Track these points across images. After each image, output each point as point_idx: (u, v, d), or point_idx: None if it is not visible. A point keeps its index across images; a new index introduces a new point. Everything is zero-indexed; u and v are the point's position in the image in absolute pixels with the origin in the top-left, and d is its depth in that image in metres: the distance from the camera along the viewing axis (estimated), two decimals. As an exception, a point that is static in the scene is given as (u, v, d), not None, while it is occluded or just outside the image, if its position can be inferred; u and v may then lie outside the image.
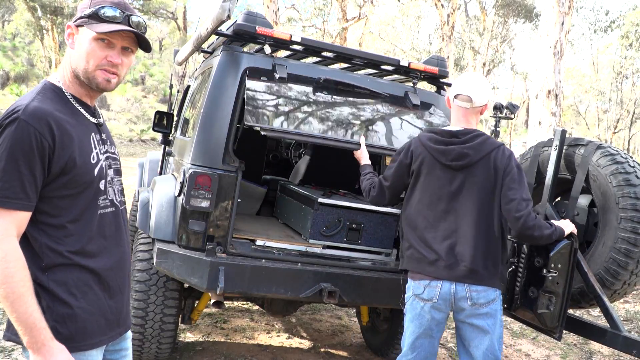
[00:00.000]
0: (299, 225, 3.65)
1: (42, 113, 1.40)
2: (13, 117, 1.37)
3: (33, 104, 1.40)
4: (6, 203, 1.34)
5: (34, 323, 1.35)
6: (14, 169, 1.35)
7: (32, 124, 1.37)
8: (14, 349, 3.54)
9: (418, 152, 2.58)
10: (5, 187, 1.34)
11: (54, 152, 1.40)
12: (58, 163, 1.41)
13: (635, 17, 24.77)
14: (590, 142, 3.00)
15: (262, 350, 4.10)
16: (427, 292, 2.48)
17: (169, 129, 4.67)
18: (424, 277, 2.49)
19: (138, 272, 3.19)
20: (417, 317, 2.52)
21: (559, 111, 8.38)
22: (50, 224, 1.44)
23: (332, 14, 29.17)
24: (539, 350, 4.80)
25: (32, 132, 1.36)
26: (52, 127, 1.40)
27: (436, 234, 2.49)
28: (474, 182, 2.47)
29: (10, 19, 39.12)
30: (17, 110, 1.38)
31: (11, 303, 1.33)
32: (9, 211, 1.35)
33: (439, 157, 2.51)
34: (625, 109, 28.73)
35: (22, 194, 1.36)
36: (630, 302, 6.58)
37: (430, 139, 2.56)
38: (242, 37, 3.24)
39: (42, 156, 1.38)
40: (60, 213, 1.45)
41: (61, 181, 1.43)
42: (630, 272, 2.74)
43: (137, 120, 26.95)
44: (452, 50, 19.81)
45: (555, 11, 8.24)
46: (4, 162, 1.34)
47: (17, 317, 1.34)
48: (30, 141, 1.36)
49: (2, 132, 1.37)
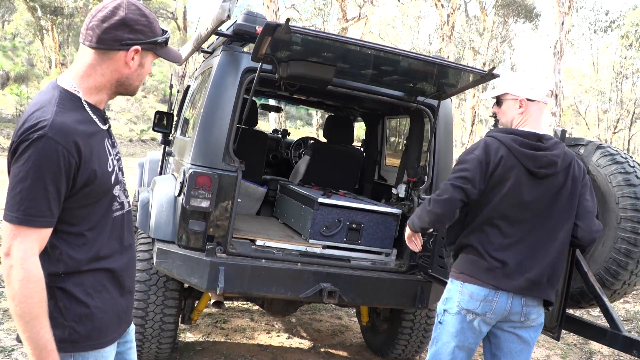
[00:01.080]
0: (299, 225, 3.66)
1: (68, 130, 1.38)
2: (40, 134, 1.34)
3: (58, 120, 1.37)
4: (32, 221, 1.34)
5: (44, 345, 1.35)
6: (40, 187, 1.34)
7: (60, 142, 1.35)
8: (14, 348, 3.54)
9: (500, 154, 2.26)
10: (31, 205, 1.33)
11: (79, 169, 1.40)
12: (82, 177, 1.42)
13: (635, 17, 24.77)
14: (590, 142, 3.00)
15: (262, 350, 4.10)
16: (482, 307, 2.25)
17: (169, 129, 4.67)
18: (482, 284, 2.26)
19: (138, 272, 3.19)
20: (462, 332, 2.30)
21: (559, 111, 8.39)
22: (70, 232, 1.46)
23: (332, 14, 29.15)
24: (539, 350, 4.80)
25: (60, 150, 1.35)
26: (78, 144, 1.39)
27: (504, 241, 2.27)
28: (555, 192, 2.29)
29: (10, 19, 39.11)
30: (43, 126, 1.35)
31: (26, 323, 1.34)
32: (35, 229, 1.35)
33: (526, 162, 2.25)
34: (625, 109, 28.74)
35: (48, 212, 1.36)
36: (630, 302, 6.58)
37: (515, 141, 2.27)
38: (242, 37, 3.24)
39: (69, 173, 1.38)
40: (80, 222, 1.47)
41: (83, 193, 1.44)
42: (630, 272, 2.73)
43: (137, 120, 26.95)
44: (452, 50, 19.81)
45: (555, 11, 8.24)
46: (30, 180, 1.33)
47: (29, 337, 1.35)
48: (59, 159, 1.35)
49: (28, 148, 1.34)
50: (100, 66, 1.48)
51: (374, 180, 4.86)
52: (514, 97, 2.37)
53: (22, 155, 1.34)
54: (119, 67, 1.50)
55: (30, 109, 1.40)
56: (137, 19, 1.48)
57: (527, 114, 2.36)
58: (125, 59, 1.49)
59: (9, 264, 1.33)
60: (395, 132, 5.01)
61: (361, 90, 3.53)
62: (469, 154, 2.30)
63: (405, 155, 4.11)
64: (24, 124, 1.37)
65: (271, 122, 19.09)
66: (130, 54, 1.49)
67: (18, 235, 1.33)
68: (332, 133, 4.79)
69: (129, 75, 1.52)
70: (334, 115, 5.20)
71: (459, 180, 2.26)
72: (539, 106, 2.37)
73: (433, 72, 3.13)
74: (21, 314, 1.33)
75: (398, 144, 4.87)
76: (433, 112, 3.58)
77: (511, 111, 2.40)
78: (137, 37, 1.48)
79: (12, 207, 1.34)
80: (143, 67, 1.54)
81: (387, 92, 3.59)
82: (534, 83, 2.38)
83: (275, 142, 6.33)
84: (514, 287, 2.25)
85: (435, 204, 2.30)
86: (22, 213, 1.33)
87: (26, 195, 1.33)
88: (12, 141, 1.38)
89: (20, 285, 1.32)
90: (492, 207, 2.28)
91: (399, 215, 3.54)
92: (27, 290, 1.32)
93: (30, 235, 1.34)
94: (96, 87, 1.50)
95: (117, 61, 1.49)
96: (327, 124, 4.93)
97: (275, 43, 2.85)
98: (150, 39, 1.51)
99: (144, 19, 1.50)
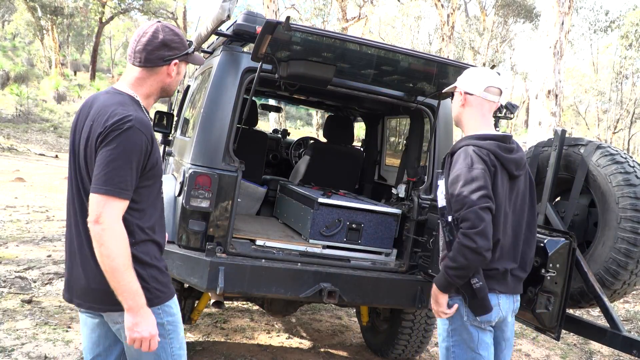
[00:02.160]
0: (299, 225, 3.65)
1: (147, 124, 1.78)
2: (129, 125, 1.71)
3: (139, 115, 1.76)
4: (120, 193, 1.69)
5: (136, 290, 1.71)
6: (127, 167, 1.70)
7: (143, 132, 1.74)
8: (14, 348, 3.54)
9: (493, 162, 2.19)
10: (120, 180, 1.68)
11: (149, 155, 1.78)
12: (150, 162, 1.80)
13: (635, 17, 24.77)
14: (590, 142, 3.00)
15: (262, 350, 4.10)
16: (495, 314, 2.22)
17: (169, 129, 4.67)
18: (495, 293, 2.22)
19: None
20: (486, 348, 2.25)
21: (559, 111, 8.38)
22: (136, 208, 1.79)
23: (332, 14, 29.18)
24: (539, 350, 4.80)
25: (143, 139, 1.74)
26: (152, 135, 1.79)
27: (505, 242, 2.24)
28: (522, 190, 2.32)
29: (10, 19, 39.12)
30: (131, 119, 1.72)
31: (121, 274, 1.67)
32: (120, 200, 1.69)
33: (509, 166, 2.23)
34: (625, 109, 28.75)
35: (130, 187, 1.72)
36: (630, 302, 6.59)
37: (499, 147, 2.22)
38: (242, 37, 3.24)
39: (145, 157, 1.76)
40: (142, 199, 1.81)
41: (147, 175, 1.80)
42: (630, 272, 2.74)
43: (137, 120, 26.96)
44: (452, 50, 19.80)
45: (555, 11, 8.24)
46: (121, 160, 1.69)
47: (124, 286, 1.69)
48: (141, 145, 1.73)
49: (120, 136, 1.70)
50: (149, 79, 1.88)
51: (374, 180, 4.86)
52: (458, 90, 2.36)
53: (113, 141, 1.69)
54: (163, 78, 1.90)
55: (109, 107, 1.75)
56: (172, 39, 1.87)
57: (479, 109, 2.30)
58: (167, 71, 1.90)
59: (100, 229, 1.66)
60: (395, 132, 5.01)
61: (361, 90, 3.53)
62: (472, 170, 2.15)
63: (405, 155, 4.11)
64: (109, 118, 1.72)
65: (271, 122, 19.07)
66: (171, 67, 1.89)
67: (108, 204, 1.67)
68: (332, 133, 4.79)
69: (171, 83, 1.93)
70: (334, 115, 5.20)
71: (482, 200, 2.09)
72: (479, 101, 2.30)
73: (433, 71, 3.13)
74: (116, 267, 1.67)
75: (398, 144, 4.87)
76: (433, 112, 3.58)
77: (455, 105, 2.39)
78: (174, 53, 1.88)
79: (105, 182, 1.67)
80: (179, 74, 1.94)
81: (387, 92, 3.59)
82: (475, 76, 2.34)
83: (275, 142, 6.33)
84: (514, 288, 2.28)
85: (478, 237, 2.06)
86: (113, 187, 1.67)
87: (117, 173, 1.68)
88: (99, 132, 1.71)
89: (113, 244, 1.66)
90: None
91: (399, 215, 3.54)
92: (119, 248, 1.67)
93: (117, 205, 1.68)
94: (147, 94, 1.90)
95: (161, 74, 1.89)
96: (327, 124, 4.93)
97: (275, 42, 2.85)
98: (183, 52, 1.91)
99: (177, 38, 1.89)
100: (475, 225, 2.05)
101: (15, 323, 3.99)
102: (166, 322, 1.88)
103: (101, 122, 1.72)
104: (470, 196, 2.09)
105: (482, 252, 2.05)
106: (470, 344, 2.23)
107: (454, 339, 2.26)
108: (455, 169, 2.19)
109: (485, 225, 2.05)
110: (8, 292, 4.62)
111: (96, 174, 1.69)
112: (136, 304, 1.71)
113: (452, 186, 2.18)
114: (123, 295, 1.70)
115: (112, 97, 1.82)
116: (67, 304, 4.52)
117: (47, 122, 22.88)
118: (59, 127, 22.67)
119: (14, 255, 5.76)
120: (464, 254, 2.06)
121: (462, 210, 2.10)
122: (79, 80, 31.16)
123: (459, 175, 2.16)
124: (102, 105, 1.77)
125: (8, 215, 7.94)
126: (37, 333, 3.85)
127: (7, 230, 6.95)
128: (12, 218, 7.76)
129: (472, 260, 2.06)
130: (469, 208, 2.07)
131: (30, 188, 10.88)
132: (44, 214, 8.33)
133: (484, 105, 2.31)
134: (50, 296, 4.70)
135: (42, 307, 4.38)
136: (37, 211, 8.50)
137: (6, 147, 18.02)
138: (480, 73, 2.36)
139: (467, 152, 2.20)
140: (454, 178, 2.18)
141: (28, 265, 5.42)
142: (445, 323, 2.28)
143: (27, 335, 3.78)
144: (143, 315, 1.73)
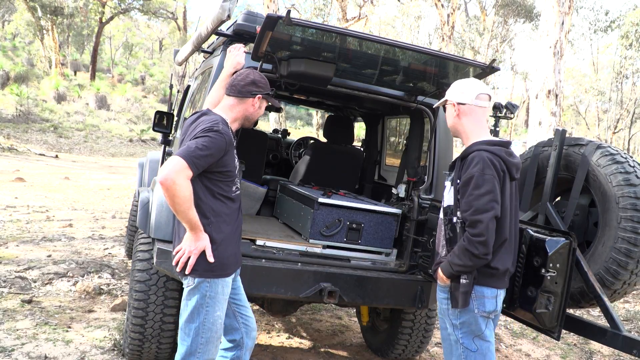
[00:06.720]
0: (299, 225, 3.66)
1: (229, 133, 2.39)
2: (217, 128, 2.32)
3: (224, 128, 2.37)
4: (192, 165, 2.22)
5: (197, 223, 2.31)
6: (206, 153, 2.26)
7: (224, 134, 2.33)
8: (14, 348, 3.54)
9: (502, 167, 2.36)
10: (197, 156, 2.22)
11: (223, 156, 2.35)
12: (222, 161, 2.36)
13: (635, 17, 24.77)
14: (590, 142, 3.00)
15: (262, 350, 4.10)
16: (498, 305, 2.46)
17: (169, 129, 4.66)
18: (495, 288, 2.44)
19: (138, 272, 3.19)
20: (492, 335, 2.47)
21: (559, 111, 8.39)
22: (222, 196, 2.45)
23: (332, 14, 29.19)
24: (539, 350, 4.80)
25: (223, 140, 2.32)
26: (232, 142, 2.40)
27: (510, 241, 2.45)
28: (516, 190, 2.50)
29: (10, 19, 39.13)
30: (218, 126, 2.33)
31: (185, 210, 2.24)
32: (190, 170, 2.22)
33: (512, 170, 2.40)
34: (625, 109, 28.75)
35: (196, 170, 2.25)
36: (630, 302, 6.59)
37: (506, 153, 2.39)
38: (242, 37, 3.24)
39: (220, 155, 2.33)
40: (223, 191, 2.44)
41: (223, 173, 2.39)
42: (630, 271, 2.74)
43: (137, 120, 26.95)
44: (452, 50, 19.82)
45: (555, 11, 8.25)
46: (207, 148, 2.28)
47: (188, 219, 2.28)
48: (224, 143, 2.32)
49: (209, 132, 2.29)
50: (238, 107, 2.51)
51: (374, 180, 4.85)
52: (450, 102, 2.54)
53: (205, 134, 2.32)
54: (248, 107, 2.52)
55: (208, 122, 2.36)
56: (259, 79, 2.53)
57: (476, 116, 2.47)
58: (252, 103, 2.52)
59: (172, 182, 2.17)
60: (395, 132, 5.01)
61: (361, 90, 3.53)
62: (484, 174, 2.29)
63: (405, 155, 4.11)
64: (206, 123, 2.35)
65: (271, 122, 19.10)
66: (256, 100, 2.52)
67: (184, 167, 2.19)
68: (332, 133, 4.79)
69: (253, 113, 2.54)
70: (334, 115, 5.20)
71: (490, 205, 2.28)
72: (472, 109, 2.47)
73: (433, 69, 3.13)
74: (187, 207, 2.24)
75: (398, 144, 4.87)
76: (433, 112, 3.58)
77: (450, 117, 2.56)
78: (259, 89, 2.52)
79: (187, 153, 2.21)
80: (260, 109, 2.55)
81: (387, 92, 3.59)
82: (464, 87, 2.51)
83: (275, 142, 6.34)
84: (505, 284, 2.49)
85: (481, 246, 2.29)
86: (192, 157, 2.21)
87: (199, 153, 2.24)
88: (196, 132, 2.32)
89: (181, 191, 2.19)
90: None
91: (399, 215, 3.54)
92: (185, 192, 2.21)
93: (187, 172, 2.21)
94: (234, 119, 2.51)
95: (247, 104, 2.52)
96: (327, 124, 4.93)
97: (276, 41, 2.85)
98: (266, 92, 2.53)
99: (263, 80, 2.54)
100: (481, 234, 2.27)
101: (15, 323, 3.99)
102: (208, 295, 2.40)
103: (200, 126, 2.36)
104: (480, 200, 2.29)
105: (482, 257, 2.30)
106: (479, 333, 2.42)
107: (462, 330, 2.45)
108: (468, 172, 2.35)
109: (489, 236, 2.28)
110: (8, 292, 4.62)
111: (181, 147, 2.33)
112: (196, 231, 2.32)
113: (462, 188, 2.36)
114: (188, 226, 2.31)
115: (211, 115, 2.43)
116: (67, 304, 4.52)
117: (47, 122, 22.88)
118: (59, 127, 22.67)
119: (14, 255, 5.76)
120: (467, 256, 2.32)
121: (469, 211, 2.31)
122: (79, 80, 31.14)
123: (470, 178, 2.33)
124: (204, 122, 2.38)
125: (8, 215, 7.94)
126: (37, 333, 3.85)
127: (7, 230, 6.95)
128: (12, 218, 7.77)
129: (473, 262, 2.33)
130: (476, 211, 2.29)
131: (30, 188, 10.88)
132: (44, 214, 8.33)
133: (478, 112, 2.49)
134: (50, 296, 4.70)
135: (42, 307, 4.38)
136: (37, 211, 8.50)
137: (6, 147, 18.02)
138: (469, 83, 2.55)
139: (481, 157, 2.35)
140: (465, 180, 2.35)
141: (28, 265, 5.41)
142: (454, 317, 2.46)
143: (27, 335, 3.78)
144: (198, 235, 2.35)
